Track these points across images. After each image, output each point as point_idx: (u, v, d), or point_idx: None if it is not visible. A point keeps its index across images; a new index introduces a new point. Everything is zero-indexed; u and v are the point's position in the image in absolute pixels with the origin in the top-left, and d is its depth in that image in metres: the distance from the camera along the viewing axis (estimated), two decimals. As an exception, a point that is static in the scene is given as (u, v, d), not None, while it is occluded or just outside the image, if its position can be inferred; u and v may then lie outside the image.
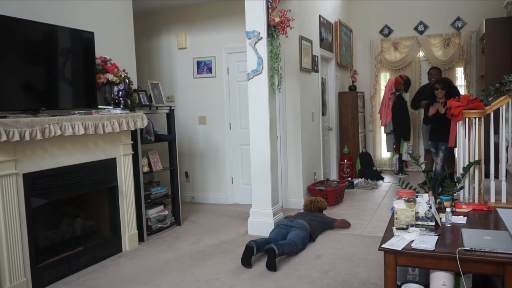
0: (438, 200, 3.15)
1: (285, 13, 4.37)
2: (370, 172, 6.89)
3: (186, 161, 6.08)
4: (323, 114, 6.48)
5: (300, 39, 5.35)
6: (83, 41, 3.76)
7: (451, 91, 5.27)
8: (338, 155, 7.06)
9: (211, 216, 5.30)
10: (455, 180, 3.59)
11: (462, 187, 3.73)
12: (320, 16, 6.16)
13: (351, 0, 7.89)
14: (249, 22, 4.34)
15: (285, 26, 4.39)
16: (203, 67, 5.88)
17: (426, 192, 3.23)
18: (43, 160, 3.28)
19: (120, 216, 4.04)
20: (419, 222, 2.72)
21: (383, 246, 2.39)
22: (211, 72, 5.85)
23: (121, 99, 4.07)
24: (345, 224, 4.54)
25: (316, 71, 6.03)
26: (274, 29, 4.36)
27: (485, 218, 2.96)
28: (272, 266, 3.43)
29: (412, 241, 2.42)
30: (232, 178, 5.90)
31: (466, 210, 3.04)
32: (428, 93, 5.67)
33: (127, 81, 4.20)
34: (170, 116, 4.82)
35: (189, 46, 5.94)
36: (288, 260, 3.68)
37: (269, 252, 3.46)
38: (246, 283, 3.27)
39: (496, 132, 3.98)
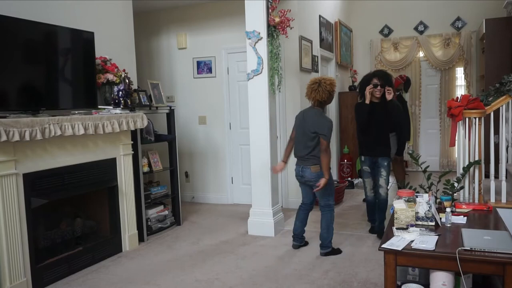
0: (438, 200, 3.15)
1: (285, 13, 4.37)
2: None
3: (186, 161, 6.08)
4: (323, 114, 6.47)
5: (300, 39, 5.35)
6: (83, 41, 3.76)
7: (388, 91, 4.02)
8: (338, 155, 7.05)
9: (211, 216, 5.30)
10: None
11: (462, 187, 3.73)
12: (320, 16, 6.16)
13: (351, 0, 7.89)
14: (249, 22, 4.34)
15: (285, 26, 4.39)
16: (203, 67, 5.88)
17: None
18: (43, 160, 3.28)
19: (120, 216, 4.04)
20: (419, 222, 2.72)
21: (383, 246, 2.39)
22: (211, 72, 5.85)
23: (121, 99, 4.07)
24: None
25: (316, 71, 6.02)
26: (274, 29, 4.36)
27: (485, 218, 2.95)
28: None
29: (412, 241, 2.42)
30: (232, 178, 5.90)
31: (466, 210, 3.04)
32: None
33: (127, 81, 4.19)
34: (170, 116, 4.82)
35: (189, 46, 5.94)
36: (288, 260, 3.68)
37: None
38: (246, 283, 3.27)
39: (496, 132, 3.98)
